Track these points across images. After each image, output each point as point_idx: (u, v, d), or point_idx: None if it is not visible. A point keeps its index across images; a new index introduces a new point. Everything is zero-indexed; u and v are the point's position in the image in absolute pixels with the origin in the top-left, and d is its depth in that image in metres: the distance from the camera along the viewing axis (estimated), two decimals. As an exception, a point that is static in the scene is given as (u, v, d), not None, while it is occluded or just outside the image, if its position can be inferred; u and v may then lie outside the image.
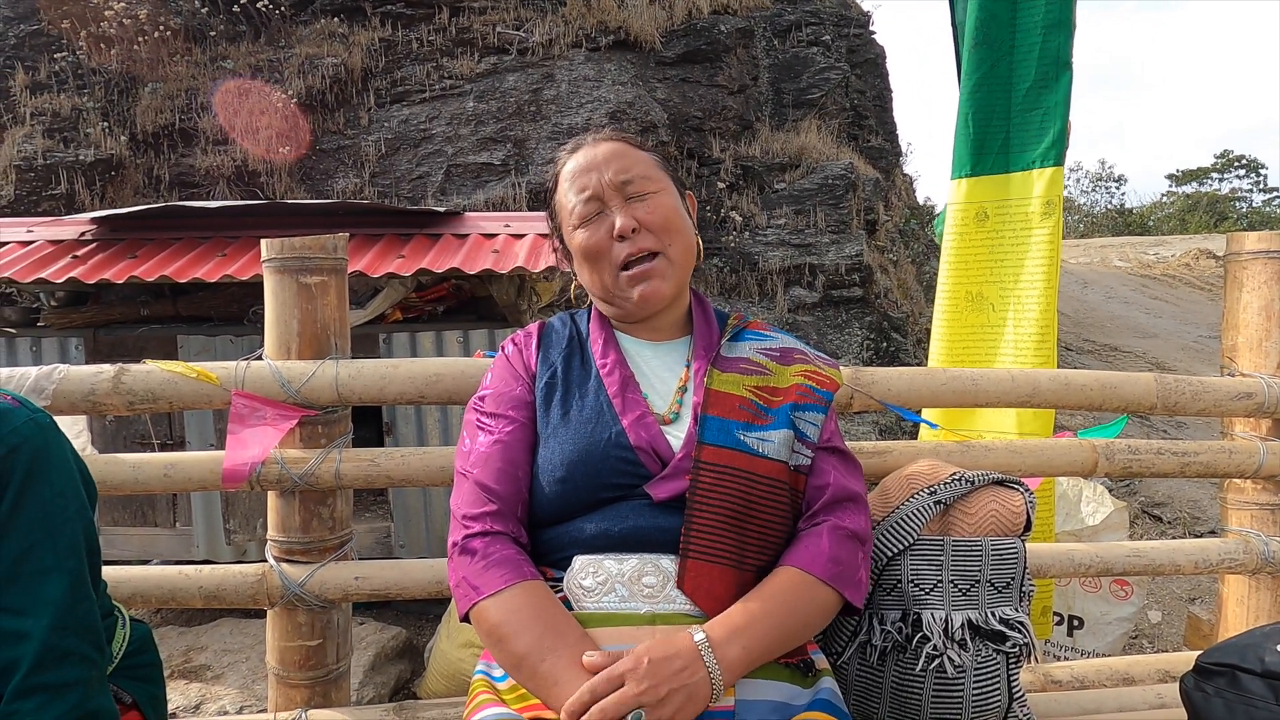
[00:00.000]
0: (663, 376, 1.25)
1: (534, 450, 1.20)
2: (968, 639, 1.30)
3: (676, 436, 1.17)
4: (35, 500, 1.02)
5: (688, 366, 1.25)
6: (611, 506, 1.14)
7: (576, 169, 1.25)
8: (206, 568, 1.60)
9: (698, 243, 1.29)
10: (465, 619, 1.12)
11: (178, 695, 2.85)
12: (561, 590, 1.13)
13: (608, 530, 1.12)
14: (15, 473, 1.00)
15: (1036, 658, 1.42)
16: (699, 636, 1.02)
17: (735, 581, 1.11)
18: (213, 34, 6.57)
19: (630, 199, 1.22)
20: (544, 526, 1.18)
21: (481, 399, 1.26)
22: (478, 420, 1.24)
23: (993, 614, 1.32)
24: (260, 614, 1.73)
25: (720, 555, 1.10)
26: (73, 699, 0.99)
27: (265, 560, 1.61)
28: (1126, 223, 33.48)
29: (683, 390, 1.22)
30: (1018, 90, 2.04)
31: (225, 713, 2.79)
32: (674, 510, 1.12)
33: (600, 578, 1.10)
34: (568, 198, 1.25)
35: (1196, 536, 4.53)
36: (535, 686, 1.04)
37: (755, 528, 1.13)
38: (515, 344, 1.31)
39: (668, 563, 1.10)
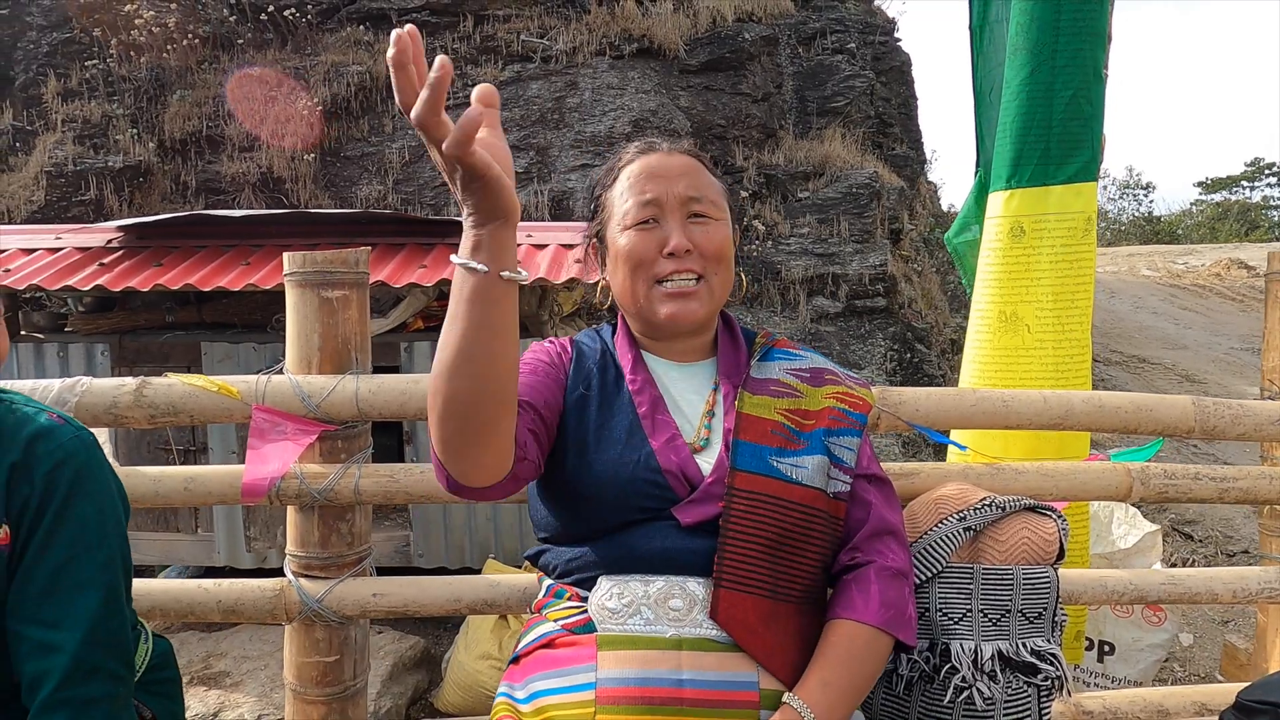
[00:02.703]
0: (690, 399, 1.22)
1: (552, 400, 1.16)
2: (998, 670, 1.27)
3: (707, 462, 1.15)
4: (77, 516, 1.04)
5: (715, 390, 1.23)
6: (638, 528, 1.12)
7: (645, 171, 1.20)
8: (225, 582, 1.59)
9: (740, 276, 1.30)
10: (444, 476, 1.01)
11: (196, 702, 2.86)
12: (585, 612, 1.11)
13: (634, 551, 1.11)
14: (59, 488, 1.03)
15: (1069, 690, 1.37)
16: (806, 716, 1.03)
17: (769, 611, 1.09)
18: (240, 42, 6.65)
19: (691, 218, 1.19)
20: (568, 544, 1.17)
21: None
22: None
23: (1024, 645, 1.29)
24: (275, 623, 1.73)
25: (754, 584, 1.09)
26: (98, 715, 1.00)
27: (283, 568, 1.61)
28: (1155, 231, 33.00)
29: (710, 415, 1.20)
30: (1059, 99, 1.95)
31: (243, 721, 2.79)
32: (702, 533, 1.11)
33: (626, 599, 1.09)
34: (624, 196, 1.21)
35: (1229, 556, 4.42)
36: (465, 309, 0.90)
37: (789, 556, 1.11)
38: (552, 342, 1.29)
39: (695, 586, 1.09)
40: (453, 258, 0.91)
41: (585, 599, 1.12)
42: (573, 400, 1.19)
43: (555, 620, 1.14)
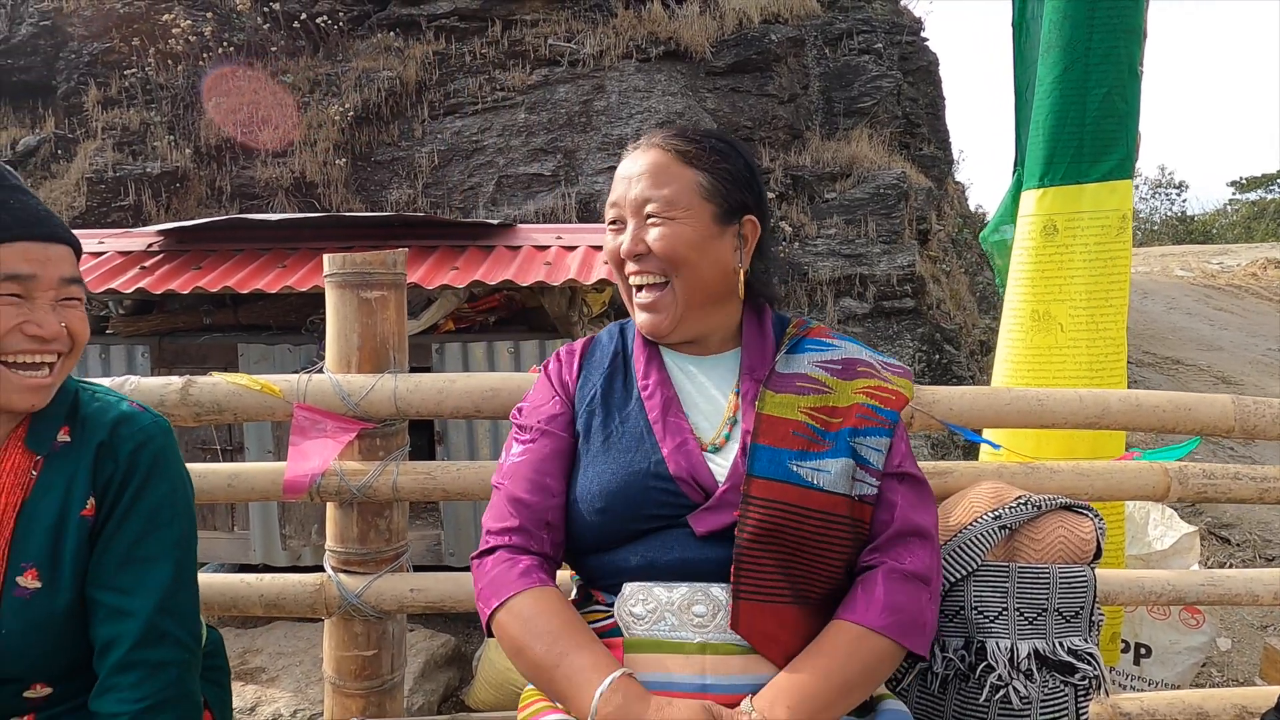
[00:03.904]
0: (710, 395, 1.20)
1: (569, 462, 1.19)
2: (1034, 669, 1.26)
3: (721, 465, 1.14)
4: (154, 494, 1.12)
5: (737, 394, 1.19)
6: (655, 536, 1.11)
7: (618, 173, 1.21)
8: (267, 577, 1.62)
9: (741, 272, 1.20)
10: (489, 633, 1.13)
11: (234, 697, 2.91)
12: (612, 617, 1.12)
13: (654, 561, 1.11)
14: (140, 467, 1.12)
15: (1107, 691, 1.36)
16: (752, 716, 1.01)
17: (791, 617, 1.08)
18: (273, 49, 6.76)
19: (646, 220, 1.16)
20: (589, 554, 1.17)
21: (519, 411, 1.28)
22: (514, 433, 1.25)
23: (1060, 644, 1.29)
24: (314, 618, 1.77)
25: (773, 593, 1.07)
26: (168, 677, 1.07)
27: (319, 565, 1.64)
28: (1188, 230, 32.31)
29: (731, 423, 1.17)
30: (1093, 96, 1.93)
31: (280, 716, 2.84)
32: (717, 542, 1.09)
33: (650, 605, 1.09)
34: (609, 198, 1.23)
35: (1267, 560, 4.34)
36: (555, 695, 1.06)
37: (808, 563, 1.09)
38: (558, 360, 1.29)
39: (718, 591, 1.08)
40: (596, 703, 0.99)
41: (611, 604, 1.13)
42: (583, 418, 1.20)
43: (585, 624, 1.16)
